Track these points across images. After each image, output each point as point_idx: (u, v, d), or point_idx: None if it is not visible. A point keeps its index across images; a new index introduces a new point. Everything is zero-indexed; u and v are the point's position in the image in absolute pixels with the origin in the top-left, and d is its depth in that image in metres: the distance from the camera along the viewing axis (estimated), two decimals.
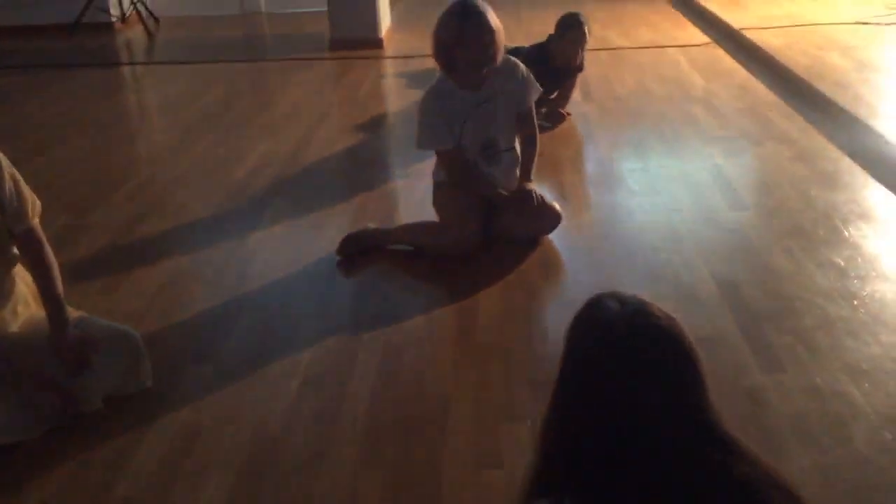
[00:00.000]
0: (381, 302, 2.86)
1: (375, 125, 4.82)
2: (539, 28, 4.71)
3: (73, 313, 2.38)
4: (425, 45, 6.88)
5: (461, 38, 2.97)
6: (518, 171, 3.24)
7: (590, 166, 4.04)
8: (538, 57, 4.62)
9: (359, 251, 3.17)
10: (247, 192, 3.86)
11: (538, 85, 3.25)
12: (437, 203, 3.25)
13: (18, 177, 2.28)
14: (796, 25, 6.18)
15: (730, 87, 5.08)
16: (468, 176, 3.16)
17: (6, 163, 2.25)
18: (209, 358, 2.57)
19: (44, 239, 2.35)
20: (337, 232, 3.33)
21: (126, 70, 6.86)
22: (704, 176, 3.75)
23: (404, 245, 3.20)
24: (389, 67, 6.19)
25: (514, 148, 3.24)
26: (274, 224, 3.50)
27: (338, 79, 5.90)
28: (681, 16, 7.39)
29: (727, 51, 5.94)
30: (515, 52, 4.65)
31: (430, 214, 3.31)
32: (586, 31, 4.49)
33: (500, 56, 3.08)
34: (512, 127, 3.22)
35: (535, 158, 3.25)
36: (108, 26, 8.00)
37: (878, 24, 6.15)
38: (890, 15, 6.36)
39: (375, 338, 2.62)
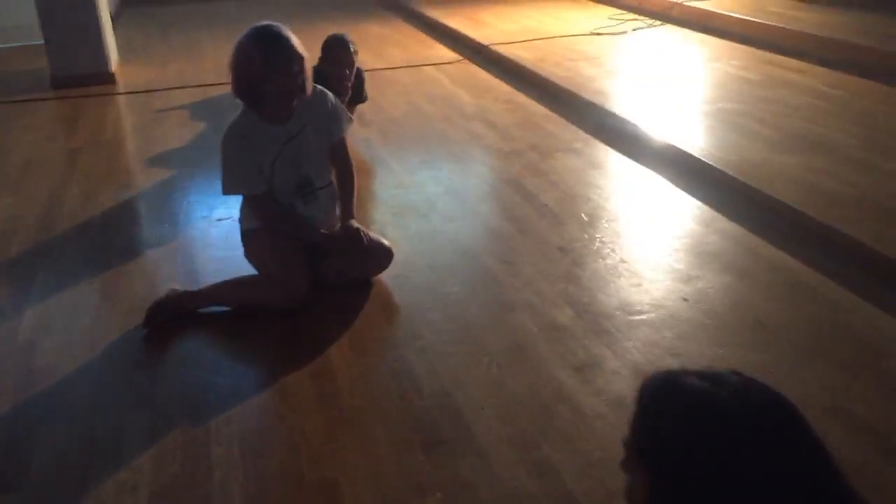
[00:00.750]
0: (215, 378, 2.45)
1: (137, 171, 4.27)
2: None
3: None
4: (162, 77, 6.46)
5: (267, 68, 2.64)
6: (338, 209, 2.98)
7: (392, 195, 3.82)
8: (316, 80, 4.36)
9: (168, 319, 2.72)
10: (5, 265, 3.21)
11: (349, 113, 3.00)
12: (253, 253, 2.88)
13: None
14: (539, 39, 6.43)
15: (498, 102, 5.13)
16: (286, 220, 2.83)
17: None
18: (15, 488, 2.02)
19: None
20: (134, 301, 2.85)
21: None
22: (510, 193, 3.70)
23: (220, 305, 2.80)
24: (125, 104, 5.57)
25: (331, 184, 2.96)
26: (48, 301, 2.92)
27: (72, 121, 5.18)
28: (423, 34, 7.44)
29: (482, 66, 6.03)
30: None
31: (241, 267, 2.93)
32: (351, 49, 4.30)
33: (310, 84, 2.79)
34: (325, 161, 2.94)
35: (355, 192, 3.00)
36: None
37: (610, 33, 6.57)
38: (618, 24, 6.84)
39: (225, 423, 2.22)
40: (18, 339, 2.68)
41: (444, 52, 6.62)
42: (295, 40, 2.72)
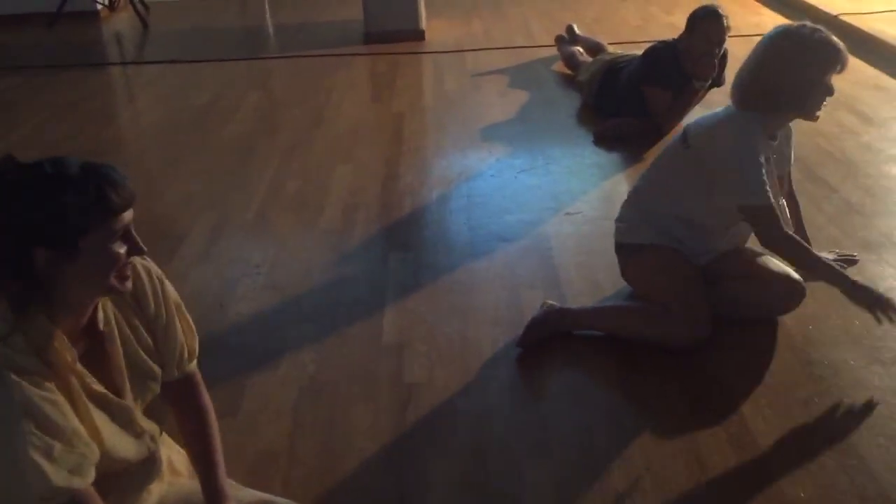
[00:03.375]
0: (613, 425, 2.10)
1: (465, 146, 4.00)
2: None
3: (235, 489, 1.62)
4: (470, 35, 6.16)
5: (829, 70, 2.24)
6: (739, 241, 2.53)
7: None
8: (664, 55, 3.90)
9: (543, 339, 2.42)
10: (355, 245, 3.06)
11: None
12: (644, 275, 2.48)
13: (181, 305, 1.56)
14: None
15: (864, 88, 4.40)
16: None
17: (172, 291, 1.51)
18: None
19: (202, 383, 1.64)
20: (498, 309, 2.59)
21: (124, 70, 5.91)
22: None
23: (598, 330, 2.45)
24: (439, 64, 5.37)
25: None
26: (407, 297, 2.71)
27: (390, 80, 5.05)
28: None
29: None
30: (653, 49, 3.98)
31: (609, 276, 2.61)
32: (724, 24, 3.76)
33: None
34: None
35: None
36: (94, 15, 7.02)
37: None
38: None
39: (639, 496, 1.87)
40: (383, 343, 2.49)
41: (776, 20, 5.86)
42: None
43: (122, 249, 1.30)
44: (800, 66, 2.23)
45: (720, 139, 2.33)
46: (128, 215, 1.31)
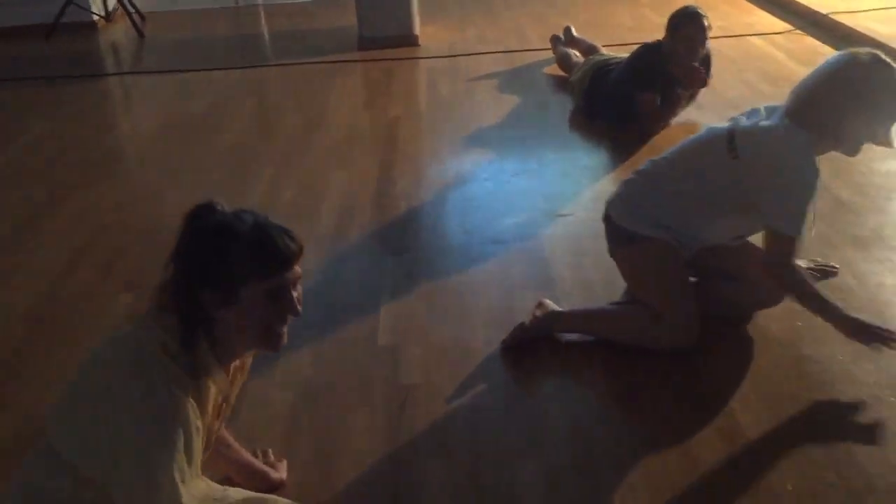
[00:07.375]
0: (609, 425, 2.14)
1: (460, 150, 4.04)
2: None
3: (224, 490, 1.65)
4: (464, 40, 6.21)
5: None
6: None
7: None
8: (650, 59, 3.95)
9: (533, 339, 2.46)
10: (351, 249, 3.10)
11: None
12: (638, 268, 2.46)
13: None
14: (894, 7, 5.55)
15: None
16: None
17: None
18: None
19: None
20: (492, 311, 2.63)
21: (121, 80, 5.94)
22: None
23: (582, 333, 2.48)
24: (433, 69, 5.41)
25: None
26: (403, 300, 2.75)
27: (384, 86, 5.09)
28: None
29: (821, 40, 5.28)
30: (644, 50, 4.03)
31: (603, 276, 2.63)
32: (705, 24, 3.82)
33: None
34: None
35: None
36: (91, 26, 7.06)
37: None
38: None
39: (629, 490, 1.91)
40: (379, 345, 2.53)
41: (768, 20, 5.91)
42: None
43: (279, 305, 1.44)
44: (858, 103, 2.17)
45: (779, 157, 2.23)
46: (291, 275, 1.44)
